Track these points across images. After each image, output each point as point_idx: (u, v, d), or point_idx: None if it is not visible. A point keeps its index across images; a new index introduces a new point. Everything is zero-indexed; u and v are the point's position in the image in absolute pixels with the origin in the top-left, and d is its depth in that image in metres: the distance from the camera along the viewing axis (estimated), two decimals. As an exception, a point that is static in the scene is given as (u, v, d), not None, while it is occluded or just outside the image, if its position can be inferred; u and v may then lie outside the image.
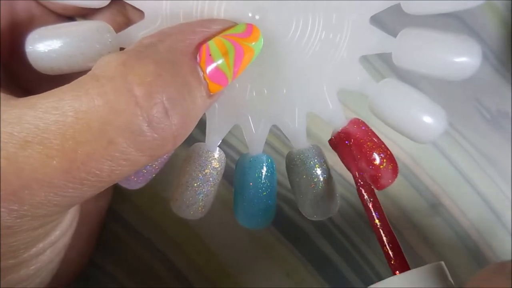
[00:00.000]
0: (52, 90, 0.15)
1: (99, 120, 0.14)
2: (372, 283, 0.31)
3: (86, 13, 0.21)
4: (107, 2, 0.19)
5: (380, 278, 0.31)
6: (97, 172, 0.15)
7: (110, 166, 0.15)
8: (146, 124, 0.15)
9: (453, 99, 0.30)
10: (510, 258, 0.30)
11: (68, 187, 0.15)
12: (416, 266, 0.31)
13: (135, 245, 0.31)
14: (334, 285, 0.31)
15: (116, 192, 0.30)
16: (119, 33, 0.19)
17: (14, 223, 0.15)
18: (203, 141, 0.21)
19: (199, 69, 0.16)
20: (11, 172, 0.14)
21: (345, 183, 0.30)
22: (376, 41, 0.19)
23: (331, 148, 0.20)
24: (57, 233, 0.18)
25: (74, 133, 0.14)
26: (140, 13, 0.19)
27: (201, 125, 0.20)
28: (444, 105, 0.19)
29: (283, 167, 0.21)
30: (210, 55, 0.16)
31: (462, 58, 0.18)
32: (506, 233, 0.31)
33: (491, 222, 0.31)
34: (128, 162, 0.15)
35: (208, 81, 0.16)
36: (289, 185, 0.21)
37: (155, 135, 0.15)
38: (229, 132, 0.21)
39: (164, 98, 0.15)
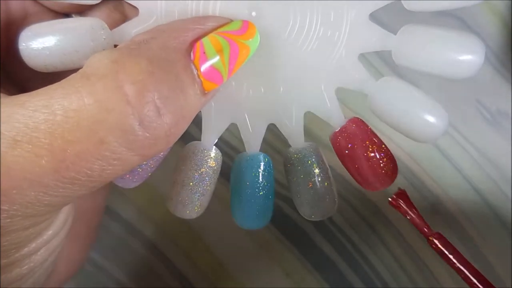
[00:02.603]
0: (43, 88, 0.15)
1: (89, 119, 0.14)
2: (372, 283, 0.31)
3: (82, 10, 0.21)
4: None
5: (380, 277, 0.31)
6: (88, 171, 0.15)
7: (101, 165, 0.15)
8: (137, 123, 0.15)
9: (453, 99, 0.30)
10: (510, 258, 0.30)
11: (59, 186, 0.15)
12: (417, 266, 0.31)
13: (135, 245, 0.31)
14: (333, 285, 0.31)
15: (116, 192, 0.30)
16: (113, 30, 0.18)
17: (4, 223, 0.15)
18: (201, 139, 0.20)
19: (193, 67, 0.16)
20: (1, 172, 0.14)
21: (345, 182, 0.30)
22: (376, 38, 0.19)
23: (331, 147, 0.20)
24: (49, 232, 0.18)
25: (63, 132, 0.14)
26: (137, 9, 0.19)
27: (199, 123, 0.20)
28: (444, 105, 0.19)
29: (281, 166, 0.21)
30: (204, 52, 0.16)
31: (466, 55, 0.17)
32: (506, 233, 0.30)
33: (491, 222, 0.31)
34: (119, 161, 0.15)
35: (202, 79, 0.16)
36: (286, 182, 0.21)
37: (147, 134, 0.15)
38: (227, 129, 0.20)
39: (156, 97, 0.15)
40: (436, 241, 0.19)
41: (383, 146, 0.19)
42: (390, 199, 0.21)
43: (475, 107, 0.30)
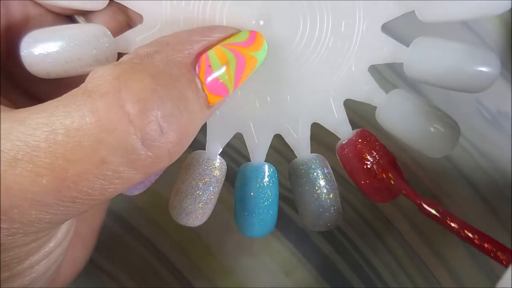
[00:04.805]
0: (44, 104, 0.15)
1: (91, 138, 0.14)
2: (372, 283, 0.31)
3: (84, 12, 0.20)
4: (106, 3, 0.18)
5: (380, 278, 0.31)
6: (89, 190, 0.14)
7: (102, 184, 0.14)
8: (140, 143, 0.14)
9: (453, 99, 0.30)
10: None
11: (59, 205, 0.14)
12: (417, 266, 0.31)
13: (135, 245, 0.31)
14: (334, 285, 0.31)
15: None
16: (117, 38, 0.18)
17: (5, 241, 0.15)
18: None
19: (198, 81, 0.16)
20: (0, 191, 0.14)
21: (346, 183, 0.30)
22: (387, 50, 0.18)
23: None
24: (51, 244, 0.18)
25: (64, 151, 0.14)
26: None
27: (205, 128, 0.20)
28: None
29: (283, 168, 0.21)
30: (209, 66, 0.16)
31: (480, 68, 0.17)
32: (506, 233, 0.31)
33: (491, 222, 0.31)
34: (121, 180, 0.15)
35: (207, 93, 0.16)
36: (289, 185, 0.21)
37: (150, 153, 0.15)
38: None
39: (159, 115, 0.14)
40: (427, 207, 0.18)
41: (390, 158, 0.19)
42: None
43: (475, 107, 0.30)
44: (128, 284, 0.31)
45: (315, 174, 0.19)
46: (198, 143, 0.20)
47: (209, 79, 0.16)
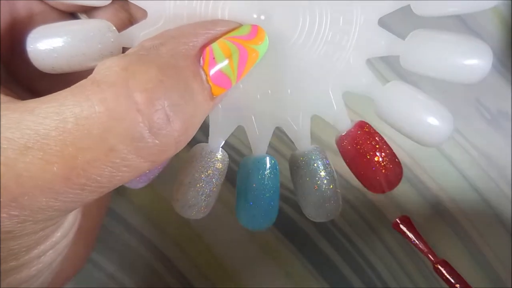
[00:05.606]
0: (52, 94, 0.15)
1: (100, 127, 0.14)
2: (372, 283, 0.31)
3: (88, 9, 0.21)
4: (109, 1, 0.19)
5: (380, 278, 0.31)
6: (98, 178, 0.15)
7: (111, 172, 0.15)
8: (147, 131, 0.15)
9: (453, 99, 0.30)
10: (510, 258, 0.30)
11: (69, 192, 0.15)
12: (417, 266, 0.31)
13: (135, 245, 0.31)
14: (334, 285, 0.31)
15: (116, 192, 0.30)
16: (121, 33, 0.18)
17: (15, 228, 0.15)
18: (205, 142, 0.20)
19: (202, 72, 0.16)
20: (11, 178, 0.14)
21: (346, 183, 0.30)
22: (384, 43, 0.19)
23: (334, 149, 0.20)
24: (58, 234, 0.18)
25: (74, 139, 0.14)
26: (143, 9, 0.19)
27: (203, 127, 0.20)
28: (444, 105, 0.19)
29: (283, 168, 0.21)
30: (213, 58, 0.16)
31: (473, 61, 0.18)
32: (506, 233, 0.31)
33: (491, 222, 0.31)
34: (129, 168, 0.15)
35: (211, 84, 0.16)
36: (289, 185, 0.21)
37: (157, 142, 0.15)
38: (231, 133, 0.20)
39: (166, 104, 0.15)
40: (441, 269, 0.20)
41: (389, 149, 0.20)
42: (393, 223, 0.22)
43: (475, 107, 0.30)
44: (128, 284, 0.31)
45: (315, 165, 0.20)
46: (196, 141, 0.21)
47: (213, 71, 0.16)
